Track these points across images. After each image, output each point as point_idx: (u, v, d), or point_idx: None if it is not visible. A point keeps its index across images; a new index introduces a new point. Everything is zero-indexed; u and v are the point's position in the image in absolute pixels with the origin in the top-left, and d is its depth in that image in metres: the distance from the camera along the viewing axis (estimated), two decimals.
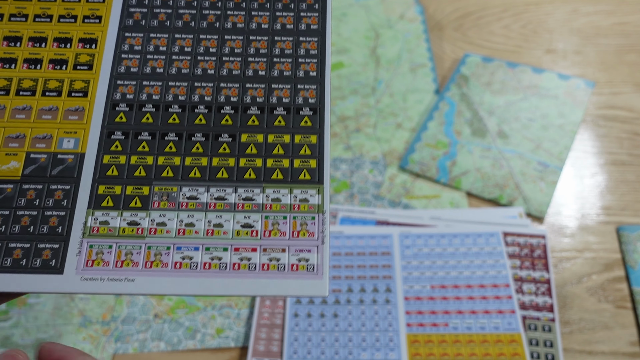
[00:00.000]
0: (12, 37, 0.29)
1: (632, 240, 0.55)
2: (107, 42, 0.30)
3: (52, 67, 0.29)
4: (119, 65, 0.30)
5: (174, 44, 0.30)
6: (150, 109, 0.29)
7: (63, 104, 0.29)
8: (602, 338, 0.50)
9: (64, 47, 0.30)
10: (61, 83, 0.29)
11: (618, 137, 0.64)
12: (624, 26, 0.76)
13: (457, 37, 0.77)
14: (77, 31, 0.30)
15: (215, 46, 0.30)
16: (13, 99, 0.28)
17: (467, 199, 0.60)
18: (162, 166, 0.28)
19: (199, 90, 0.29)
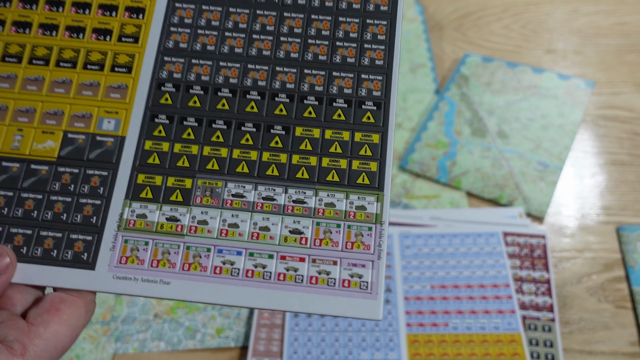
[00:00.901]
0: (54, 0, 0.26)
1: (632, 240, 0.55)
2: (155, 12, 0.27)
3: (95, 37, 0.26)
4: (167, 39, 0.26)
5: (227, 19, 0.26)
6: (199, 91, 0.26)
7: (105, 80, 0.26)
8: (602, 338, 0.50)
9: (109, 15, 0.26)
10: (104, 56, 0.26)
11: (618, 137, 0.64)
12: (624, 26, 0.76)
13: (457, 37, 0.77)
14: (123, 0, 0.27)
15: (272, 24, 0.26)
16: (52, 71, 0.26)
17: (467, 199, 0.60)
18: (207, 157, 0.25)
19: (252, 73, 0.26)
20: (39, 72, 0.25)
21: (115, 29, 0.26)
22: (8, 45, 0.25)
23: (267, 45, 0.26)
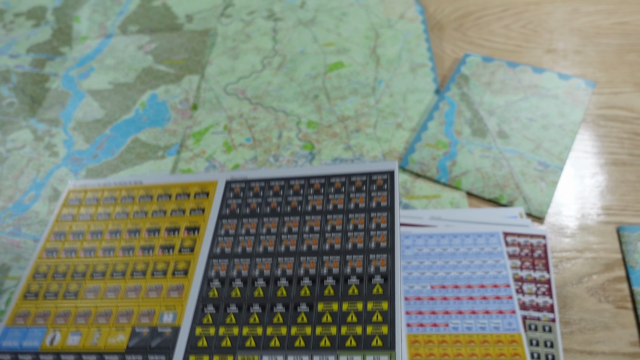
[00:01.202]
0: (133, 230, 0.35)
1: (632, 241, 0.55)
2: (207, 228, 0.34)
3: (161, 252, 0.34)
4: (215, 247, 0.33)
5: (262, 227, 0.34)
6: (239, 283, 0.32)
7: (167, 282, 0.32)
8: (602, 338, 0.50)
9: (172, 235, 0.34)
10: (167, 265, 0.33)
11: (618, 137, 0.64)
12: (624, 26, 0.76)
13: (457, 36, 0.77)
14: (184, 221, 0.35)
15: (296, 226, 0.34)
16: (127, 280, 0.32)
17: (467, 199, 0.60)
18: (245, 336, 0.30)
19: (282, 265, 0.32)
20: (118, 282, 0.32)
21: (177, 245, 0.33)
22: (95, 265, 0.33)
23: (293, 242, 0.33)
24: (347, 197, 0.35)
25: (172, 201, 0.37)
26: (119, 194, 0.38)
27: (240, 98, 0.72)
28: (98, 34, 0.80)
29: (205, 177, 0.38)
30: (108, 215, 0.37)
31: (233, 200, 0.37)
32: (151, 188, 0.38)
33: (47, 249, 0.36)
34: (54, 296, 0.33)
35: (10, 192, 0.64)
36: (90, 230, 0.37)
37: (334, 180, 0.36)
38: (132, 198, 0.38)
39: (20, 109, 0.72)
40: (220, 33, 0.80)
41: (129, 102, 0.72)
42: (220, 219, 0.35)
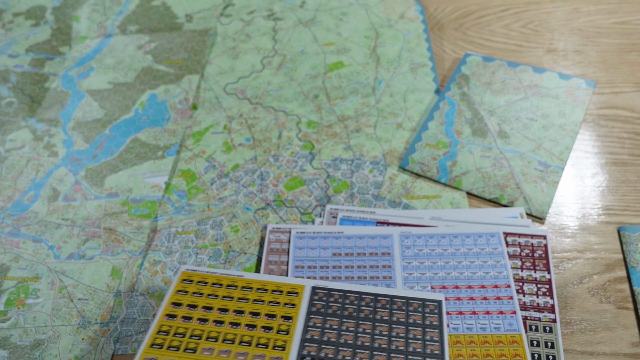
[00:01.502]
0: (238, 310, 0.45)
1: (633, 241, 0.55)
2: (299, 319, 0.45)
3: (263, 330, 0.44)
4: (306, 333, 0.44)
5: (342, 325, 0.44)
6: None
7: (269, 353, 0.42)
8: (603, 339, 0.50)
9: (271, 319, 0.45)
10: (268, 340, 0.43)
11: (619, 137, 0.64)
12: (625, 25, 0.76)
13: (457, 36, 0.77)
14: (280, 311, 0.45)
15: (369, 328, 0.44)
16: (237, 346, 0.42)
17: (467, 199, 0.60)
18: None
19: (359, 354, 0.43)
20: (229, 347, 0.42)
21: (275, 327, 0.44)
22: (209, 332, 0.43)
23: (367, 340, 0.44)
24: (407, 313, 0.46)
25: (269, 293, 0.47)
26: (224, 282, 0.47)
27: (240, 98, 0.71)
28: (97, 34, 0.80)
29: (295, 281, 0.48)
30: (217, 296, 0.46)
31: (318, 302, 0.46)
32: (251, 281, 0.47)
33: (167, 314, 0.45)
34: (176, 349, 0.42)
35: (10, 192, 0.64)
36: (203, 305, 0.45)
37: (396, 300, 0.47)
38: (236, 287, 0.47)
39: (19, 109, 0.72)
40: (220, 33, 0.80)
41: (129, 101, 0.72)
42: (309, 314, 0.45)
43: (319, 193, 0.61)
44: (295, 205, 0.60)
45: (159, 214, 0.61)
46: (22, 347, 0.52)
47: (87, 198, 0.62)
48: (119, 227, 0.59)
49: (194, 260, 0.57)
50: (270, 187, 0.62)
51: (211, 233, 0.58)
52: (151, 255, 0.57)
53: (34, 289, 0.55)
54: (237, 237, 0.58)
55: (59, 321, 0.53)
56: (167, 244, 0.58)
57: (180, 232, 0.59)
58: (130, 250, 0.57)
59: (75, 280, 0.56)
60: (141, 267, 0.56)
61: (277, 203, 0.61)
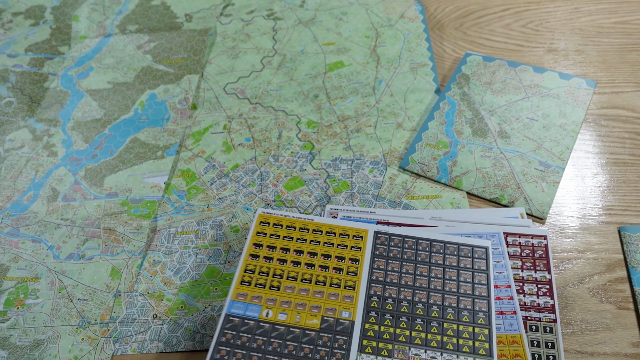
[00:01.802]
0: (312, 252, 0.50)
1: (634, 241, 0.55)
2: (365, 261, 0.50)
3: (334, 271, 0.49)
4: (372, 275, 0.49)
5: (402, 267, 0.49)
6: (390, 302, 0.47)
7: (341, 292, 0.48)
8: (603, 339, 0.50)
9: (340, 261, 0.50)
10: (340, 280, 0.49)
11: (620, 137, 0.64)
12: (625, 25, 0.76)
13: (458, 36, 0.77)
14: (348, 254, 0.50)
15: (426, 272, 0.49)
16: (313, 286, 0.48)
17: (467, 199, 0.59)
18: (398, 334, 0.46)
19: (418, 294, 0.48)
20: (307, 286, 0.48)
21: (344, 269, 0.49)
22: (289, 272, 0.49)
23: (424, 282, 0.49)
24: (458, 258, 0.50)
25: (337, 237, 0.51)
26: (297, 225, 0.52)
27: (239, 98, 0.71)
28: (97, 34, 0.80)
29: (359, 225, 0.52)
30: (291, 238, 0.51)
31: (380, 245, 0.51)
32: (321, 225, 0.52)
33: (251, 254, 0.50)
34: (262, 287, 0.48)
35: (9, 192, 0.64)
36: (280, 247, 0.50)
37: (449, 245, 0.51)
38: (308, 230, 0.52)
39: (18, 109, 0.72)
40: (219, 32, 0.80)
41: (128, 101, 0.71)
42: (373, 256, 0.50)
43: (319, 193, 0.61)
44: (295, 205, 0.60)
45: (158, 214, 0.61)
46: (22, 347, 0.51)
47: (87, 198, 0.62)
48: (119, 227, 0.59)
49: (194, 261, 0.57)
50: (270, 187, 0.62)
51: (211, 233, 0.58)
52: (151, 255, 0.57)
53: (33, 289, 0.55)
54: (237, 237, 0.58)
55: (58, 321, 0.53)
56: (166, 244, 0.58)
57: (179, 232, 0.59)
58: (130, 251, 0.57)
59: (75, 280, 0.56)
60: (141, 268, 0.56)
61: (277, 203, 0.60)
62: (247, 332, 0.45)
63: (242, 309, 0.46)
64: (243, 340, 0.44)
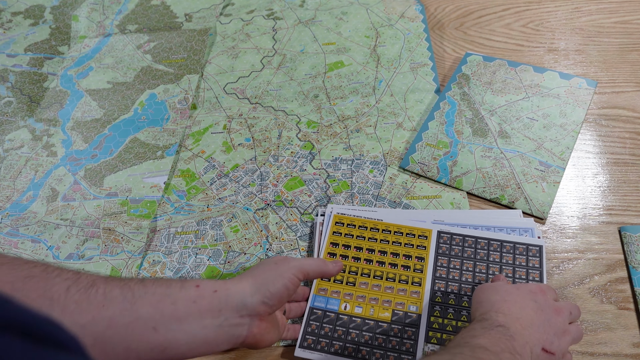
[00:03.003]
0: (382, 250, 0.54)
1: (634, 241, 0.54)
2: (429, 259, 0.53)
3: (402, 269, 0.53)
4: (436, 272, 0.52)
5: (463, 265, 0.53)
6: (453, 297, 0.51)
7: (409, 288, 0.52)
8: (604, 339, 0.50)
9: (407, 260, 0.53)
10: (408, 277, 0.52)
11: (620, 137, 0.64)
12: (626, 25, 0.75)
13: (458, 36, 0.76)
14: (414, 252, 0.54)
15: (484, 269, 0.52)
16: (384, 283, 0.52)
17: (468, 199, 0.59)
18: (459, 327, 0.49)
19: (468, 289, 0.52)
20: (378, 282, 0.52)
21: (411, 266, 0.53)
22: (362, 269, 0.53)
23: (483, 279, 0.52)
24: (514, 256, 0.53)
25: (404, 236, 0.55)
26: (368, 225, 0.56)
27: (239, 97, 0.71)
28: (96, 33, 0.80)
29: (424, 225, 0.55)
30: (364, 237, 0.55)
31: (443, 244, 0.54)
32: (389, 225, 0.56)
33: (329, 252, 0.54)
34: (340, 282, 0.52)
35: (8, 192, 0.63)
36: (354, 246, 0.55)
37: (505, 244, 0.54)
38: (378, 229, 0.55)
39: (18, 109, 0.72)
40: (219, 32, 0.79)
41: (128, 101, 0.71)
42: (437, 255, 0.54)
43: (319, 193, 0.61)
44: (295, 206, 0.60)
45: (158, 214, 0.60)
46: None
47: (86, 198, 0.62)
48: (118, 228, 0.59)
49: (194, 261, 0.56)
50: (270, 187, 0.62)
51: (211, 233, 0.58)
52: (150, 255, 0.57)
53: None
54: (237, 238, 0.58)
55: None
56: (166, 244, 0.58)
57: (179, 232, 0.59)
58: (130, 251, 0.57)
59: None
60: (140, 268, 0.56)
61: (277, 203, 0.60)
62: (328, 323, 0.49)
63: (324, 302, 0.51)
64: (326, 330, 0.49)
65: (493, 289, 0.43)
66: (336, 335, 0.49)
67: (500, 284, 0.44)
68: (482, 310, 0.41)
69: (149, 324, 0.34)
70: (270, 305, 0.40)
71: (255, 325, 0.39)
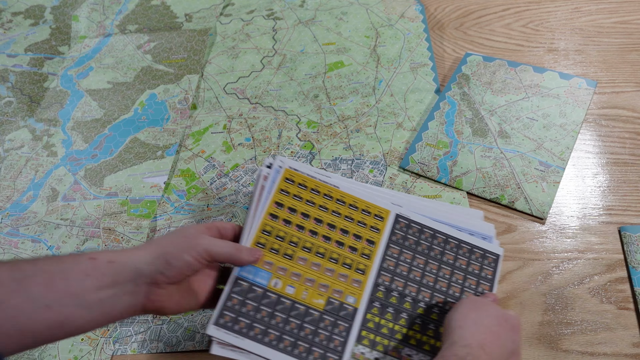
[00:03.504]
0: (331, 224, 0.48)
1: (634, 241, 0.54)
2: (380, 245, 0.47)
3: (349, 251, 0.47)
4: (384, 262, 0.47)
5: (414, 260, 0.48)
6: (396, 295, 0.46)
7: (351, 275, 0.46)
8: (604, 339, 0.50)
9: (357, 240, 0.47)
10: (352, 261, 0.46)
11: (620, 137, 0.64)
12: (625, 25, 0.75)
13: (458, 36, 0.76)
14: (366, 234, 0.48)
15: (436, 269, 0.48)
16: (325, 263, 0.46)
17: (468, 199, 0.59)
18: (396, 331, 0.44)
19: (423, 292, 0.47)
20: (319, 261, 0.46)
21: (359, 250, 0.47)
22: (305, 242, 0.46)
23: (431, 280, 0.47)
24: (468, 261, 0.49)
25: (359, 212, 0.48)
26: (322, 190, 0.49)
27: (239, 97, 0.71)
28: (97, 33, 0.80)
29: (383, 205, 0.49)
30: (314, 204, 0.48)
31: (398, 231, 0.48)
32: (345, 195, 0.49)
33: (270, 213, 0.47)
34: (276, 252, 0.45)
35: (8, 192, 0.64)
36: (301, 212, 0.47)
37: (463, 245, 0.49)
38: (331, 197, 0.48)
39: (18, 109, 0.72)
40: (219, 32, 0.80)
41: (128, 101, 0.71)
42: (389, 242, 0.48)
43: None
44: None
45: (158, 213, 0.60)
46: None
47: (87, 198, 0.62)
48: (118, 227, 0.59)
49: None
50: None
51: None
52: None
53: None
54: None
55: None
56: None
57: None
58: None
59: None
60: None
61: None
62: (253, 300, 0.43)
63: (252, 273, 0.44)
64: (248, 308, 0.42)
65: (479, 316, 0.40)
66: (259, 316, 0.42)
67: (486, 310, 0.41)
68: (464, 341, 0.37)
69: (41, 301, 0.34)
70: (168, 276, 0.38)
71: (154, 293, 0.38)
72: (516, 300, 0.52)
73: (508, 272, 0.54)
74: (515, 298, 0.53)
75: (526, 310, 0.52)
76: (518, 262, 0.55)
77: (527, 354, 0.49)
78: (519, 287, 0.53)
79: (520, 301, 0.52)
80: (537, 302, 0.52)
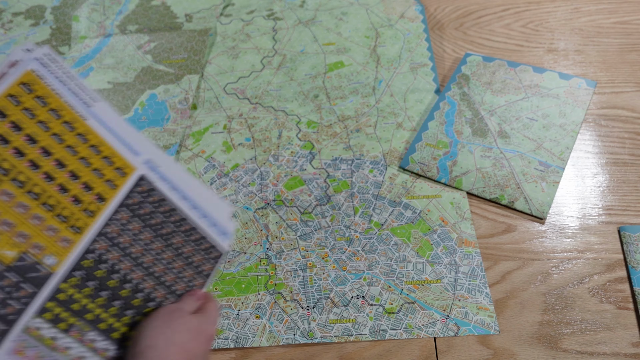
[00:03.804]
0: (60, 162, 0.37)
1: (634, 241, 0.55)
2: (110, 206, 0.39)
3: (71, 200, 0.37)
4: (107, 227, 0.39)
5: (141, 235, 0.41)
6: (105, 268, 0.38)
7: (62, 231, 0.36)
8: (603, 339, 0.50)
9: (86, 191, 0.37)
10: (70, 216, 0.37)
11: (620, 137, 0.64)
12: (625, 25, 0.76)
13: (457, 36, 0.77)
14: (100, 186, 0.38)
15: (149, 263, 0.41)
16: (36, 207, 0.35)
17: (467, 199, 0.59)
18: (88, 310, 0.38)
19: (144, 279, 0.41)
20: (30, 202, 0.35)
21: (85, 203, 0.37)
22: (19, 173, 0.34)
23: (150, 261, 0.41)
24: (195, 250, 0.43)
25: (99, 158, 0.39)
26: (65, 116, 0.37)
27: (239, 98, 0.71)
28: (97, 34, 0.80)
29: (131, 160, 0.40)
30: (48, 129, 0.36)
31: (136, 195, 0.40)
32: (90, 133, 0.38)
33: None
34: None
35: None
36: (28, 133, 0.35)
37: (194, 233, 0.43)
38: (73, 129, 0.38)
39: None
40: (219, 32, 0.80)
41: (128, 101, 0.71)
42: (121, 204, 0.39)
43: (319, 193, 0.61)
44: (295, 205, 0.60)
45: None
46: None
47: None
48: None
49: None
50: (270, 187, 0.62)
51: None
52: None
53: None
54: (237, 237, 0.58)
55: None
56: None
57: None
58: None
59: None
60: None
61: (277, 202, 0.60)
62: None
63: None
64: None
65: (172, 333, 0.38)
66: None
67: (181, 324, 0.39)
68: (150, 353, 0.36)
69: None
70: None
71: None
72: (516, 300, 0.53)
73: (507, 272, 0.54)
74: (514, 298, 0.53)
75: (526, 310, 0.52)
76: (517, 262, 0.55)
77: (527, 353, 0.49)
78: (518, 287, 0.53)
79: (519, 301, 0.52)
80: (536, 302, 0.52)
